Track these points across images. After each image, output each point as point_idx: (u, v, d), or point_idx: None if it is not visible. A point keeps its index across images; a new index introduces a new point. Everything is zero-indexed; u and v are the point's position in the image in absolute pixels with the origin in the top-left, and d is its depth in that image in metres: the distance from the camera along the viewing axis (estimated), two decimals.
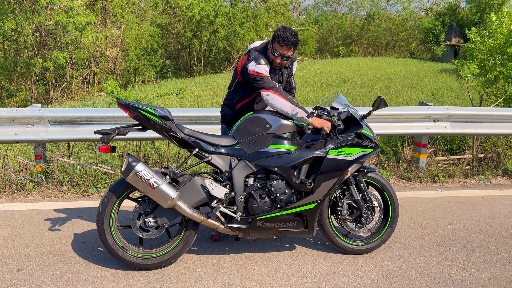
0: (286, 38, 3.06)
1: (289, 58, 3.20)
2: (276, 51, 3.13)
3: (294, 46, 3.12)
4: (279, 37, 3.08)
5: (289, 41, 3.08)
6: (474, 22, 34.62)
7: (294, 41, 3.08)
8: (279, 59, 3.16)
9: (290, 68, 3.46)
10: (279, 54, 3.14)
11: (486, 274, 3.20)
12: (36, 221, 3.78)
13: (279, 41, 3.09)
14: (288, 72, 3.45)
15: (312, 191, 3.10)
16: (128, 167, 2.84)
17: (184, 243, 3.10)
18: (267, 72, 3.16)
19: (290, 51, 3.13)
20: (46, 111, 4.40)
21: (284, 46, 3.10)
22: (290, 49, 3.12)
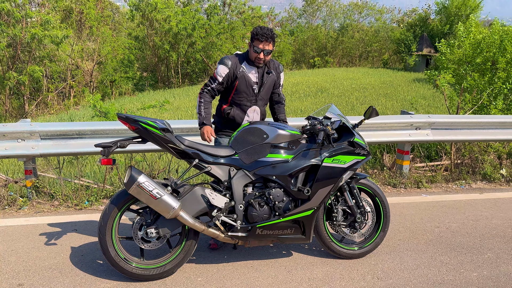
0: (265, 34, 3.34)
1: (270, 52, 3.41)
2: (258, 47, 3.37)
3: (272, 40, 3.39)
4: (258, 34, 3.35)
5: (268, 36, 3.35)
6: (444, 33, 35.74)
7: (271, 35, 3.37)
8: (261, 54, 3.39)
9: (273, 76, 3.58)
10: (261, 50, 3.37)
11: (475, 273, 3.36)
12: (31, 236, 3.76)
13: (259, 38, 3.35)
14: (271, 80, 3.57)
15: (309, 198, 3.21)
16: (130, 179, 2.89)
17: (185, 253, 3.15)
18: (221, 73, 3.43)
19: (270, 45, 3.39)
20: (37, 125, 4.39)
21: (264, 41, 3.36)
22: (270, 43, 3.38)
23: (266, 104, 3.70)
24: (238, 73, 3.44)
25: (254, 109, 3.55)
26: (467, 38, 9.87)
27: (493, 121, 5.64)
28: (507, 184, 5.70)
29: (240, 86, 3.47)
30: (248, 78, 3.47)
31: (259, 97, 3.55)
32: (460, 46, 10.20)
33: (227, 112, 3.54)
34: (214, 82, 3.47)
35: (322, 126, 3.26)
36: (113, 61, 24.85)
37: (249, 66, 3.49)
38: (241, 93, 3.49)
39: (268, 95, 3.64)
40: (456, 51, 10.23)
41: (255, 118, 3.57)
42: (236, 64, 3.46)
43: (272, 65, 3.60)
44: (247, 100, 3.52)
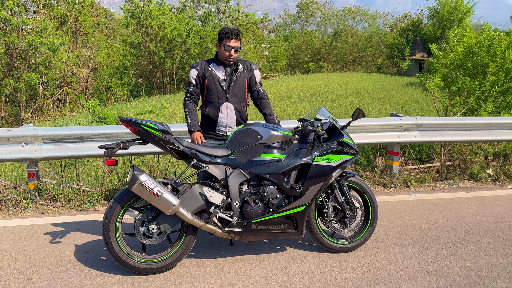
0: (232, 32, 3.67)
1: (238, 49, 3.71)
2: (228, 45, 3.65)
3: (239, 36, 3.70)
4: (226, 33, 3.67)
5: (235, 33, 3.67)
6: (436, 37, 36.15)
7: (237, 32, 3.70)
8: (232, 51, 3.67)
9: (244, 74, 3.83)
10: (232, 47, 3.66)
11: (458, 265, 3.56)
12: (36, 235, 3.93)
13: (228, 36, 3.66)
14: (241, 78, 3.81)
15: (301, 195, 3.41)
16: (133, 178, 3.08)
17: (185, 248, 3.33)
18: (193, 76, 3.78)
19: (238, 42, 3.70)
20: (40, 129, 4.56)
21: (234, 39, 3.67)
22: (238, 40, 3.70)
23: (243, 102, 3.88)
24: (207, 73, 3.76)
25: (226, 105, 3.77)
26: (460, 42, 10.11)
27: (479, 122, 5.87)
28: (493, 183, 5.93)
29: (209, 84, 3.76)
30: (215, 75, 3.75)
31: (230, 94, 3.77)
32: (452, 50, 10.45)
33: (203, 112, 3.84)
34: (190, 86, 3.81)
35: (313, 127, 3.46)
36: (108, 67, 25.03)
37: (217, 66, 3.79)
38: (211, 91, 3.77)
39: (242, 92, 3.84)
40: (448, 55, 10.49)
41: (230, 115, 3.78)
42: (204, 65, 3.79)
43: (244, 64, 3.86)
44: (218, 98, 3.76)
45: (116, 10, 42.43)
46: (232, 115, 3.81)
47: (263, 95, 3.97)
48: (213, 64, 3.80)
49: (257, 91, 3.94)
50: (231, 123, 3.83)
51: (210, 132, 3.86)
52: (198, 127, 3.80)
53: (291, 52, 38.82)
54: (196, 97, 3.84)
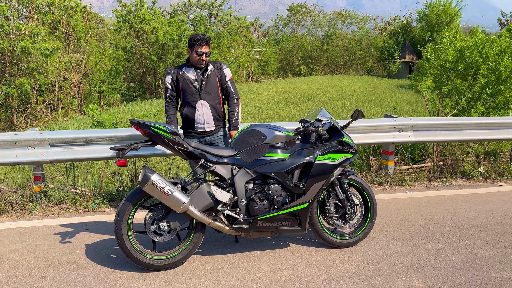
0: (203, 39, 3.92)
1: (209, 54, 3.97)
2: (199, 51, 3.91)
3: (208, 42, 3.95)
4: (197, 40, 3.91)
5: (205, 40, 3.92)
6: (425, 40, 36.60)
7: (206, 38, 3.95)
8: (203, 56, 3.93)
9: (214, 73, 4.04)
10: (203, 53, 3.92)
11: (454, 258, 3.74)
12: (46, 236, 4.05)
13: (200, 43, 3.90)
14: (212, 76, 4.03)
15: (304, 193, 3.57)
16: (144, 177, 3.21)
17: (194, 245, 3.47)
18: (168, 81, 4.06)
19: (208, 47, 3.96)
20: (46, 133, 4.68)
21: (205, 45, 3.93)
22: (208, 45, 3.96)
23: (217, 99, 4.10)
24: (179, 76, 4.02)
25: (201, 103, 4.00)
26: (452, 45, 10.34)
27: (469, 122, 6.08)
28: (484, 180, 6.14)
29: (183, 85, 4.01)
30: (187, 77, 3.99)
31: (203, 92, 4.00)
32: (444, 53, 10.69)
33: (181, 112, 4.07)
34: (167, 91, 4.09)
35: (315, 128, 3.63)
36: (101, 72, 25.05)
37: (188, 68, 4.03)
38: (185, 91, 4.01)
39: (215, 89, 4.06)
40: (441, 57, 10.73)
41: (205, 111, 4.01)
42: (176, 70, 4.05)
43: (214, 65, 4.08)
44: (192, 97, 3.99)
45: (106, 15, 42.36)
46: (208, 112, 4.04)
47: (232, 93, 4.16)
48: (185, 68, 4.05)
49: (227, 88, 4.15)
50: (208, 119, 4.05)
51: (190, 130, 4.10)
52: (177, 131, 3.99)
53: (283, 55, 39.11)
54: (174, 100, 4.12)
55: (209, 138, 4.10)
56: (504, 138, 6.23)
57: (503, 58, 9.05)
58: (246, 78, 33.77)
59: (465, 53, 9.75)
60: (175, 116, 4.17)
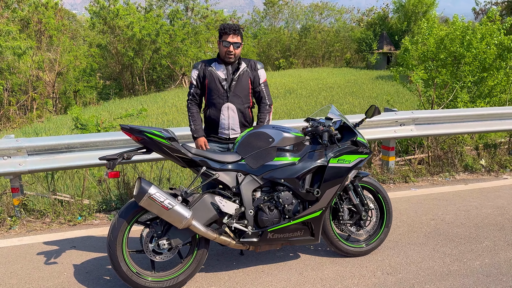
0: (232, 27, 3.48)
1: (239, 45, 3.51)
2: (226, 41, 3.48)
3: (239, 33, 3.53)
4: (225, 28, 3.49)
5: (234, 28, 3.49)
6: (403, 30, 36.78)
7: (237, 27, 3.52)
8: (231, 47, 3.47)
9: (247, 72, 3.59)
10: (230, 43, 3.47)
11: (477, 262, 3.47)
12: (29, 256, 3.61)
13: (227, 31, 3.47)
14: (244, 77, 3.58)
15: (318, 199, 3.23)
16: (141, 191, 2.83)
17: (198, 262, 3.11)
18: (193, 76, 3.62)
19: (238, 37, 3.51)
20: (24, 140, 4.22)
21: (232, 34, 3.48)
22: (237, 35, 3.50)
23: (247, 103, 3.64)
24: (207, 72, 3.57)
25: (227, 106, 3.55)
26: (431, 35, 10.18)
27: (472, 113, 5.86)
28: (488, 173, 5.93)
29: (210, 84, 3.56)
30: (216, 74, 3.55)
31: (232, 94, 3.54)
32: (424, 43, 10.53)
33: (205, 113, 3.66)
34: (192, 87, 3.62)
35: (326, 127, 3.29)
36: (75, 70, 24.24)
37: (219, 65, 3.58)
38: (212, 91, 3.56)
39: (245, 92, 3.61)
40: (420, 48, 10.57)
41: (232, 116, 3.56)
42: (205, 65, 3.61)
43: (247, 63, 3.64)
44: (219, 98, 3.55)
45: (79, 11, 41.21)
46: (234, 116, 3.58)
47: (265, 97, 3.70)
48: (214, 63, 3.60)
49: (259, 92, 3.69)
50: (234, 125, 3.60)
51: (213, 135, 3.65)
52: (202, 132, 3.61)
53: (261, 49, 38.73)
54: (198, 98, 3.66)
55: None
56: (506, 129, 6.03)
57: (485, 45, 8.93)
58: None
59: (445, 42, 9.59)
60: (199, 114, 3.65)
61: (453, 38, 9.45)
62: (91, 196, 5.71)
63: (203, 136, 3.59)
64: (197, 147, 3.56)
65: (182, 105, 19.13)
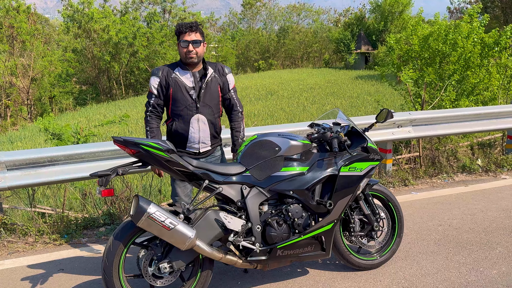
0: (187, 25, 3.15)
1: (199, 42, 3.15)
2: (184, 40, 3.13)
3: (197, 29, 3.18)
4: (180, 28, 3.15)
5: (190, 26, 3.14)
6: (380, 30, 37.10)
7: (193, 24, 3.17)
8: (190, 46, 3.12)
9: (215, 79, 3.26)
10: (189, 41, 3.12)
11: (494, 271, 3.30)
12: (12, 283, 3.27)
13: (183, 30, 3.14)
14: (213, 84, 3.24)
15: (329, 211, 3.01)
16: (139, 210, 2.55)
17: (202, 285, 2.84)
18: (153, 85, 3.20)
19: (197, 34, 3.17)
20: (2, 154, 3.88)
21: (188, 31, 3.13)
22: (195, 32, 3.16)
23: (217, 113, 3.30)
24: (171, 80, 3.17)
25: (197, 118, 3.19)
26: (415, 33, 10.12)
27: (469, 113, 5.75)
28: (485, 174, 5.82)
29: (175, 93, 3.17)
30: (182, 82, 3.17)
31: (201, 104, 3.19)
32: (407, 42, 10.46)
33: (169, 127, 3.24)
34: (152, 97, 3.21)
35: (335, 134, 3.07)
36: (50, 75, 23.56)
37: (183, 71, 3.20)
38: (178, 101, 3.17)
39: (215, 101, 3.26)
40: (403, 46, 10.50)
41: (202, 128, 3.21)
42: (167, 71, 3.20)
43: (214, 68, 3.28)
44: (187, 109, 3.18)
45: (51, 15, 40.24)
46: (205, 129, 3.22)
47: (236, 105, 3.38)
48: (178, 69, 3.20)
49: (230, 99, 3.35)
50: (204, 138, 3.23)
51: (180, 150, 3.21)
52: None
53: (240, 51, 38.52)
54: (160, 110, 3.24)
55: (204, 160, 3.28)
56: (503, 128, 5.94)
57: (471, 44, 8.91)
58: None
59: (429, 41, 9.55)
60: (159, 129, 3.25)
61: (436, 37, 9.41)
62: (73, 208, 5.37)
63: None
64: (153, 169, 3.22)
65: None
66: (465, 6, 38.03)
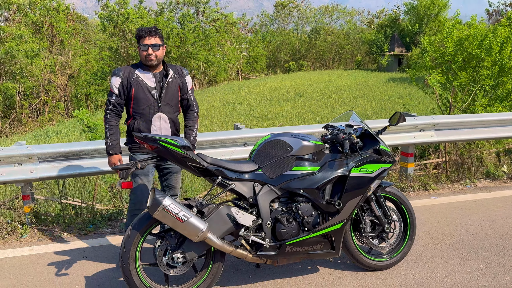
0: (147, 29, 3.29)
1: (158, 46, 3.29)
2: (144, 44, 3.26)
3: (157, 33, 3.31)
4: (140, 32, 3.29)
5: (150, 30, 3.28)
6: (414, 32, 36.41)
7: (153, 28, 3.30)
8: (150, 49, 3.25)
9: (175, 79, 3.40)
10: (148, 45, 3.25)
11: (507, 277, 3.29)
12: (39, 267, 3.51)
13: (143, 34, 3.27)
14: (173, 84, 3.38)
15: (338, 211, 3.08)
16: (155, 202, 2.70)
17: (213, 276, 2.98)
18: (115, 84, 3.31)
19: (156, 39, 3.30)
20: (35, 147, 4.13)
21: (148, 36, 3.27)
22: (154, 36, 3.29)
23: (177, 111, 3.49)
24: (132, 80, 3.30)
25: (159, 116, 3.35)
26: (450, 35, 9.94)
27: (493, 119, 5.66)
28: (510, 181, 5.72)
29: (137, 93, 3.30)
30: (143, 83, 3.31)
31: (163, 103, 3.34)
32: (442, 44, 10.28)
33: (130, 126, 3.36)
34: (112, 97, 3.33)
35: (347, 135, 3.14)
36: (87, 73, 24.32)
37: (144, 71, 3.34)
38: (140, 101, 3.31)
39: (175, 101, 3.43)
40: (438, 48, 10.32)
41: (164, 126, 3.37)
42: (128, 72, 3.33)
43: (174, 69, 3.44)
44: (149, 108, 3.32)
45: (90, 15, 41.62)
46: (166, 127, 3.38)
47: (193, 105, 3.54)
48: (139, 70, 3.34)
49: (187, 99, 3.51)
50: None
51: (142, 147, 3.34)
52: (119, 148, 3.36)
53: (271, 52, 38.62)
54: (120, 109, 3.36)
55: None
56: None
57: (505, 49, 8.69)
58: (235, 75, 33.21)
59: (465, 44, 9.36)
60: (118, 127, 3.37)
61: (472, 41, 9.22)
62: (102, 201, 5.63)
63: (119, 154, 3.36)
64: (110, 165, 3.35)
65: None
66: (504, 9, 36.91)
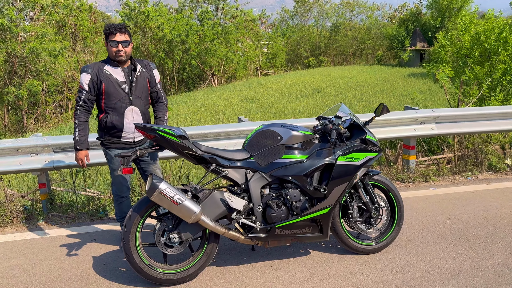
0: (116, 26, 3.43)
1: (128, 43, 3.45)
2: (114, 41, 3.41)
3: (124, 30, 3.46)
4: (110, 29, 3.42)
5: (119, 27, 3.43)
6: (436, 27, 35.88)
7: (122, 25, 3.45)
8: (120, 46, 3.40)
9: (144, 73, 3.57)
10: (119, 42, 3.41)
11: (490, 262, 3.43)
12: (52, 248, 3.82)
13: (112, 31, 3.41)
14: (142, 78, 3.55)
15: (325, 197, 3.28)
16: (152, 186, 2.96)
17: (208, 256, 3.22)
18: (84, 81, 3.43)
19: (125, 35, 3.45)
20: (50, 139, 4.45)
21: (118, 33, 3.42)
22: (124, 33, 3.44)
23: (148, 104, 3.67)
24: (102, 76, 3.43)
25: (131, 109, 3.51)
26: (468, 30, 9.91)
27: (495, 112, 5.73)
28: None
29: (107, 88, 3.43)
30: (113, 78, 3.45)
31: (134, 96, 3.50)
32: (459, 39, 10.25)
33: (103, 120, 3.50)
34: (82, 93, 3.44)
35: (334, 126, 3.33)
36: None
37: (113, 67, 3.48)
38: (111, 95, 3.45)
39: (145, 94, 3.60)
40: (456, 43, 10.30)
41: (136, 119, 3.53)
42: (98, 68, 3.46)
43: (141, 64, 3.60)
44: (121, 102, 3.47)
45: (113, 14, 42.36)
46: (138, 119, 3.54)
47: (162, 97, 3.72)
48: (108, 66, 3.49)
49: (156, 92, 3.68)
50: None
51: (115, 141, 3.56)
52: (87, 144, 3.53)
53: (290, 48, 38.62)
54: (90, 105, 3.49)
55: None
56: None
57: None
58: (254, 72, 33.40)
59: (481, 38, 9.33)
60: (87, 123, 3.53)
61: (488, 35, 9.19)
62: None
63: (87, 149, 3.53)
64: (76, 160, 3.53)
65: (210, 104, 19.36)
66: None
